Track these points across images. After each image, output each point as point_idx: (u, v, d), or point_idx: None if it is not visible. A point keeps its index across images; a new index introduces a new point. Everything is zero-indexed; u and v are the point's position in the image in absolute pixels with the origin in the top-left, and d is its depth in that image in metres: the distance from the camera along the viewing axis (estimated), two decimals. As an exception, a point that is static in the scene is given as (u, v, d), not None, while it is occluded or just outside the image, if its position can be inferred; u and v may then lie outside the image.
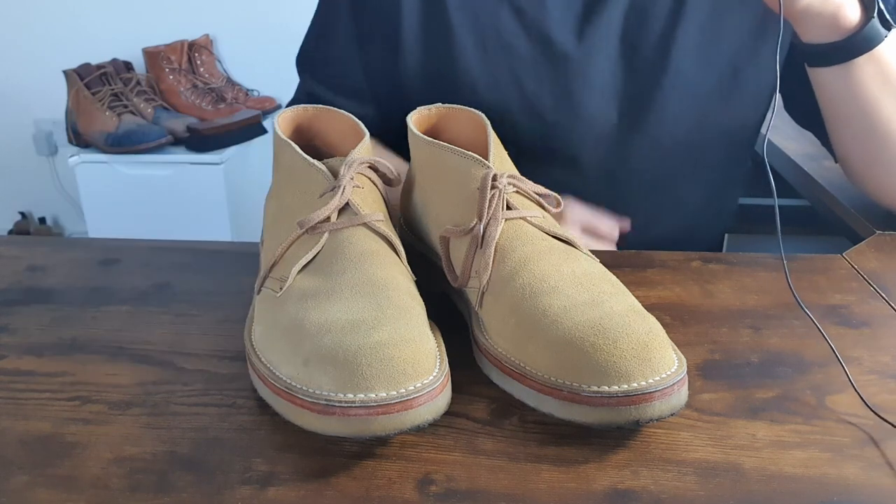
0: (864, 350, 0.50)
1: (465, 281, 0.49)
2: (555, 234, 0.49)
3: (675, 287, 0.59)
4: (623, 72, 0.73)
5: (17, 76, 2.37)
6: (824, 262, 0.63)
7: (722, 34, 0.72)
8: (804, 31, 0.65)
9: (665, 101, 0.73)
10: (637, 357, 0.39)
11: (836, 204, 0.81)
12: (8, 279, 0.61)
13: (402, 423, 0.37)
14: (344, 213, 0.48)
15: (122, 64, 2.16)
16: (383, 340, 0.39)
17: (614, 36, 0.72)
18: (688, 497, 0.37)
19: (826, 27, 0.63)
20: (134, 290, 0.59)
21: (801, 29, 0.65)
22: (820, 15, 0.62)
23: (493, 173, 0.48)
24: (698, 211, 0.81)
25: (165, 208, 2.01)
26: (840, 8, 0.62)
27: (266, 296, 0.46)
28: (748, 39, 0.72)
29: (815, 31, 0.64)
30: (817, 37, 0.65)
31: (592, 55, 0.72)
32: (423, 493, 0.37)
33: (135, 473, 0.39)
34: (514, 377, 0.43)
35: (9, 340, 0.52)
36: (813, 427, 0.42)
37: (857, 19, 0.63)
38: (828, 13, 0.62)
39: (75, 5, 2.29)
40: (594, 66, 0.72)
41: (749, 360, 0.49)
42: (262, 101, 2.26)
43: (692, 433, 0.41)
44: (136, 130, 1.98)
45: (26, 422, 0.43)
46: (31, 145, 2.45)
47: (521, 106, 0.74)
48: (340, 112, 0.57)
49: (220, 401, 0.45)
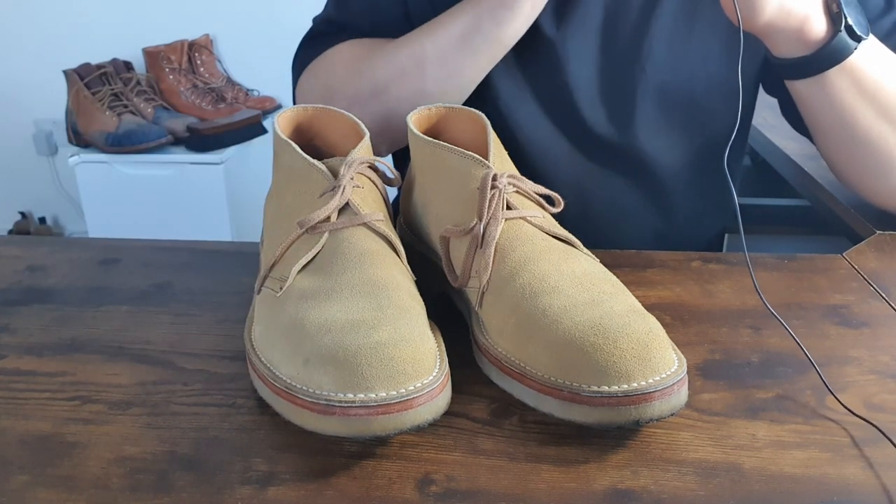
0: (864, 350, 0.50)
1: (465, 281, 0.49)
2: (555, 234, 0.49)
3: (675, 287, 0.59)
4: (600, 58, 0.73)
5: (17, 76, 2.38)
6: (824, 262, 0.63)
7: (696, 26, 0.72)
8: (772, 46, 0.65)
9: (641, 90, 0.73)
10: (637, 357, 0.39)
11: (836, 204, 0.81)
12: (8, 279, 0.61)
13: (402, 423, 0.37)
14: (344, 212, 0.48)
15: (122, 64, 2.16)
16: (383, 340, 0.39)
17: (592, 22, 0.72)
18: (688, 497, 0.37)
19: (793, 42, 0.63)
20: (134, 290, 0.59)
21: (768, 43, 0.65)
22: (784, 30, 0.62)
23: (493, 173, 0.48)
24: (688, 207, 0.81)
25: (165, 208, 2.01)
26: (804, 22, 0.61)
27: (266, 296, 0.46)
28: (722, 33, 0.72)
29: (782, 45, 0.64)
30: (786, 51, 0.64)
31: (569, 39, 0.72)
32: (423, 493, 0.37)
33: (135, 473, 0.39)
34: (514, 377, 0.43)
35: (9, 340, 0.52)
36: (813, 427, 0.42)
37: (823, 32, 0.62)
38: (791, 28, 0.61)
39: (75, 5, 2.29)
40: (571, 51, 0.72)
41: (749, 360, 0.49)
42: (262, 101, 2.26)
43: (692, 433, 0.41)
44: (136, 130, 1.98)
45: (26, 422, 0.43)
46: (31, 145, 2.45)
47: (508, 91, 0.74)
48: (340, 112, 0.57)
49: (220, 401, 0.45)
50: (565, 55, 0.72)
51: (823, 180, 0.87)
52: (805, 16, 0.61)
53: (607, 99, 0.74)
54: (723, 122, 0.76)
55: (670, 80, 0.73)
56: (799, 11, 0.60)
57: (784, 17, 0.61)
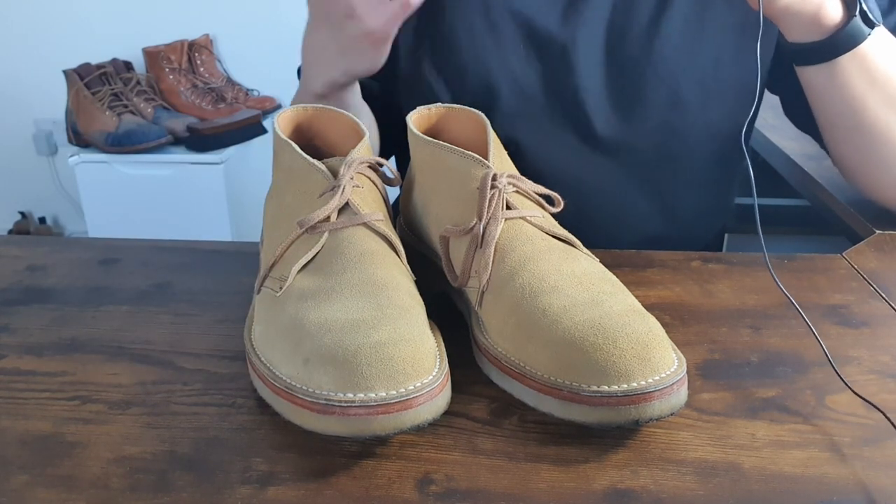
0: (864, 350, 0.50)
1: (465, 281, 0.49)
2: (554, 233, 0.49)
3: (675, 287, 0.59)
4: (608, 59, 0.73)
5: (17, 76, 2.37)
6: (824, 262, 0.63)
7: (706, 27, 0.73)
8: (787, 31, 0.66)
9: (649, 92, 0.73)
10: (637, 357, 0.39)
11: (836, 203, 0.81)
12: (8, 279, 0.61)
13: (402, 423, 0.37)
14: (344, 212, 0.48)
15: (122, 64, 2.16)
16: (383, 340, 0.39)
17: (600, 23, 0.73)
18: (687, 497, 0.37)
19: (808, 26, 0.64)
20: (134, 290, 0.59)
21: (783, 28, 0.66)
22: (800, 14, 0.63)
23: (493, 173, 0.48)
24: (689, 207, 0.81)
25: (165, 208, 2.01)
26: (821, 7, 0.62)
27: (266, 295, 0.46)
28: (731, 35, 0.73)
29: (797, 30, 0.65)
30: (800, 36, 0.65)
31: (577, 41, 0.72)
32: (422, 493, 0.37)
33: (135, 473, 0.39)
34: (513, 377, 0.43)
35: (9, 340, 0.52)
36: (813, 427, 0.42)
37: (838, 18, 0.63)
38: (808, 12, 0.62)
39: (75, 5, 2.29)
40: (579, 52, 0.73)
41: (749, 359, 0.49)
42: (262, 100, 2.26)
43: (692, 433, 0.41)
44: (136, 130, 1.98)
45: (26, 422, 0.43)
46: (31, 145, 2.45)
47: (512, 89, 0.74)
48: (340, 112, 0.57)
49: (220, 400, 0.45)
50: (573, 55, 0.73)
51: (823, 180, 0.87)
52: (822, 1, 0.62)
53: (615, 100, 0.74)
54: (731, 123, 0.76)
55: (680, 82, 0.73)
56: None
57: (801, 1, 0.61)
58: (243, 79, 2.35)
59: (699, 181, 0.79)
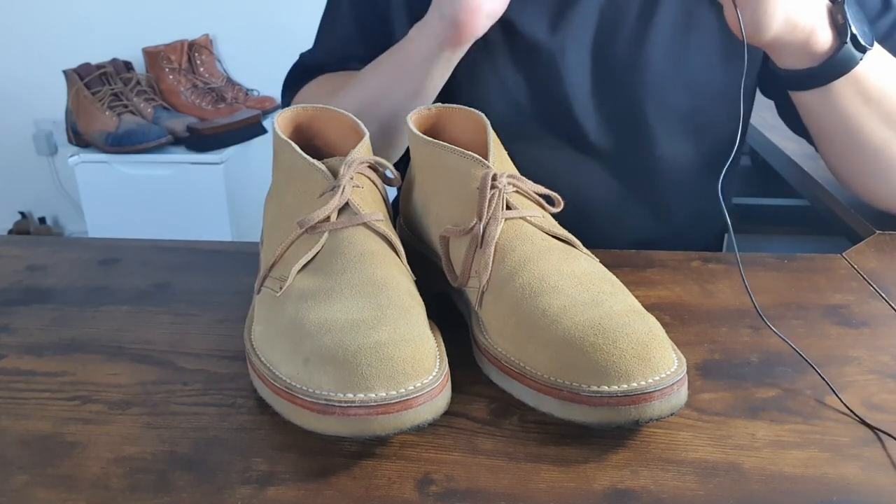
0: (864, 350, 0.50)
1: (465, 281, 0.49)
2: (554, 233, 0.49)
3: (675, 287, 0.59)
4: (596, 67, 0.73)
5: (17, 76, 2.37)
6: (824, 262, 0.63)
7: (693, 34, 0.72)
8: (778, 59, 0.65)
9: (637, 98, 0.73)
10: (637, 357, 0.39)
11: (836, 204, 0.81)
12: (8, 279, 0.61)
13: (402, 423, 0.37)
14: (344, 212, 0.48)
15: (122, 64, 2.16)
16: (383, 340, 0.39)
17: (588, 31, 0.73)
18: (687, 497, 0.37)
19: (799, 55, 0.63)
20: (134, 290, 0.59)
21: (774, 56, 0.65)
22: (790, 44, 0.62)
23: (493, 173, 0.48)
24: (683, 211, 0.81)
25: (165, 208, 2.01)
26: (811, 35, 0.61)
27: (266, 295, 0.46)
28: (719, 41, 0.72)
29: (788, 58, 0.64)
30: (792, 63, 0.64)
31: (565, 49, 0.72)
32: (422, 493, 0.37)
33: (135, 473, 0.39)
34: (513, 377, 0.43)
35: (9, 340, 0.52)
36: (813, 427, 0.42)
37: (829, 44, 0.62)
38: (798, 41, 0.61)
39: (75, 5, 2.29)
40: (567, 61, 0.73)
41: (749, 359, 0.49)
42: (262, 100, 2.26)
43: (692, 433, 0.42)
44: (136, 130, 1.98)
45: (26, 422, 0.43)
46: (31, 145, 2.45)
47: (503, 99, 0.74)
48: (341, 112, 0.57)
49: (220, 401, 0.45)
50: (562, 63, 0.73)
51: (823, 180, 0.87)
52: (811, 28, 0.61)
53: (604, 107, 0.74)
54: (722, 126, 0.76)
55: (668, 88, 0.73)
56: (805, 24, 0.60)
57: (790, 31, 0.60)
58: (243, 79, 2.35)
59: (692, 185, 0.79)
